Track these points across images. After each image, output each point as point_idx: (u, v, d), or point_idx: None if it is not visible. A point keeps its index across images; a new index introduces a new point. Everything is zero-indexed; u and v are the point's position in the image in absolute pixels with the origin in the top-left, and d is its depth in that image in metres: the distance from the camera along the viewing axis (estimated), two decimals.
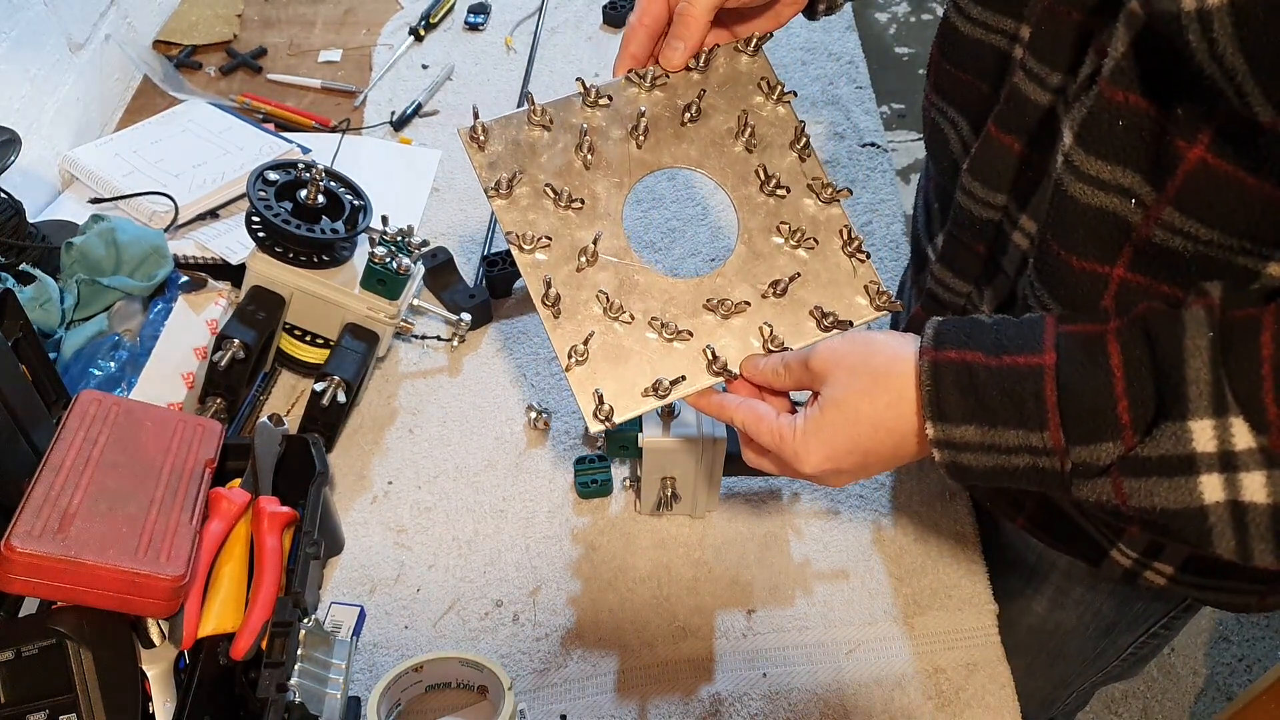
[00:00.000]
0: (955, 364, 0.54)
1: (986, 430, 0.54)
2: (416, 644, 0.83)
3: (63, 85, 1.25)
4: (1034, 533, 0.78)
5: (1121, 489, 0.51)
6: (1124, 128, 0.54)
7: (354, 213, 0.97)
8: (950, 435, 0.55)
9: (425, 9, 1.46)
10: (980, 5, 0.67)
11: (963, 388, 0.54)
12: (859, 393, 0.58)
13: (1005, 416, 0.53)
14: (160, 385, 0.93)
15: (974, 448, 0.55)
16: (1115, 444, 0.50)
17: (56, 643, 0.63)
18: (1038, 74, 0.61)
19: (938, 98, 0.76)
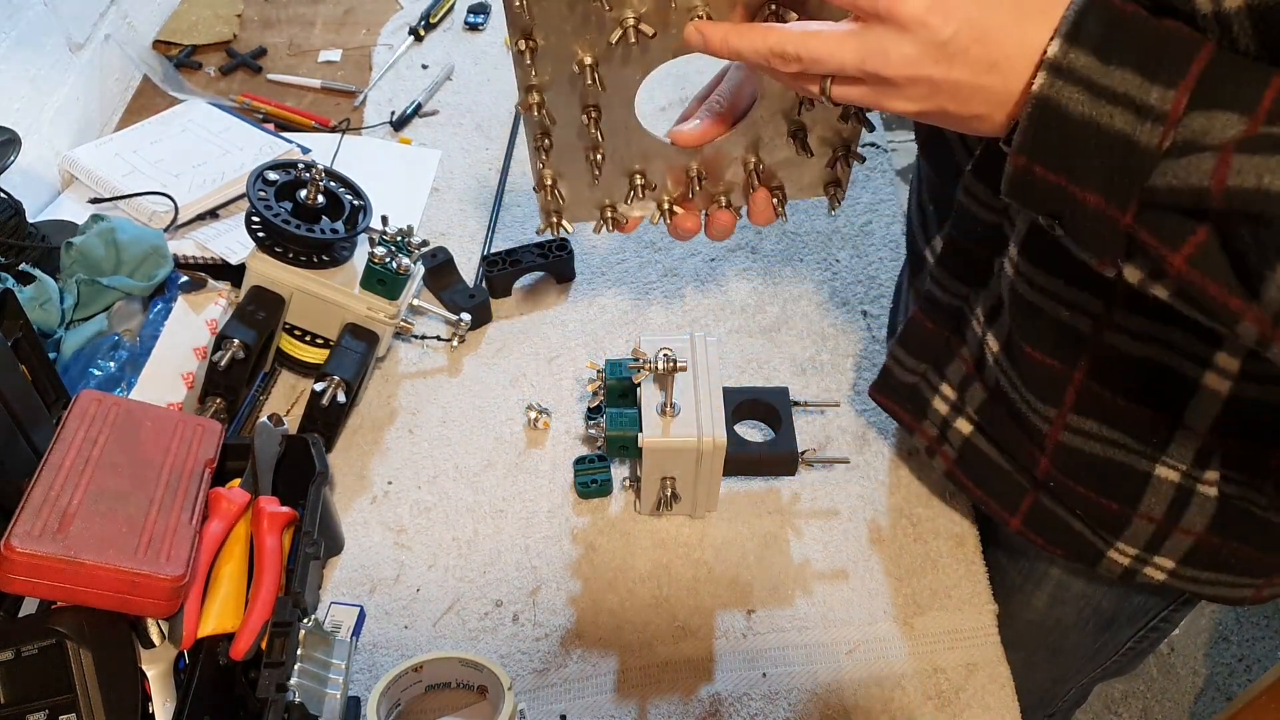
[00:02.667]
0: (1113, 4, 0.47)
1: (1109, 68, 0.47)
2: (416, 644, 0.83)
3: (63, 85, 1.25)
4: (1028, 534, 0.79)
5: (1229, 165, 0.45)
6: None
7: (354, 213, 0.97)
8: (1071, 61, 0.47)
9: (425, 9, 1.46)
10: None
11: (1111, 21, 0.47)
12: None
13: (1138, 60, 0.46)
14: (160, 385, 0.93)
15: (1083, 82, 0.47)
16: (1241, 118, 0.45)
17: (56, 643, 0.63)
18: None
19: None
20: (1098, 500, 0.72)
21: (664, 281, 1.10)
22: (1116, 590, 0.84)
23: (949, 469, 0.83)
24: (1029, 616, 0.91)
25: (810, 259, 1.12)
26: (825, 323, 1.05)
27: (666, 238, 1.15)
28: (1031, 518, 0.77)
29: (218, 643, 0.71)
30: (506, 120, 1.30)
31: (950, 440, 0.82)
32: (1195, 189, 0.46)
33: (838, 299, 1.07)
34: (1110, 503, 0.71)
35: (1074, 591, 0.86)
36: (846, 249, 1.12)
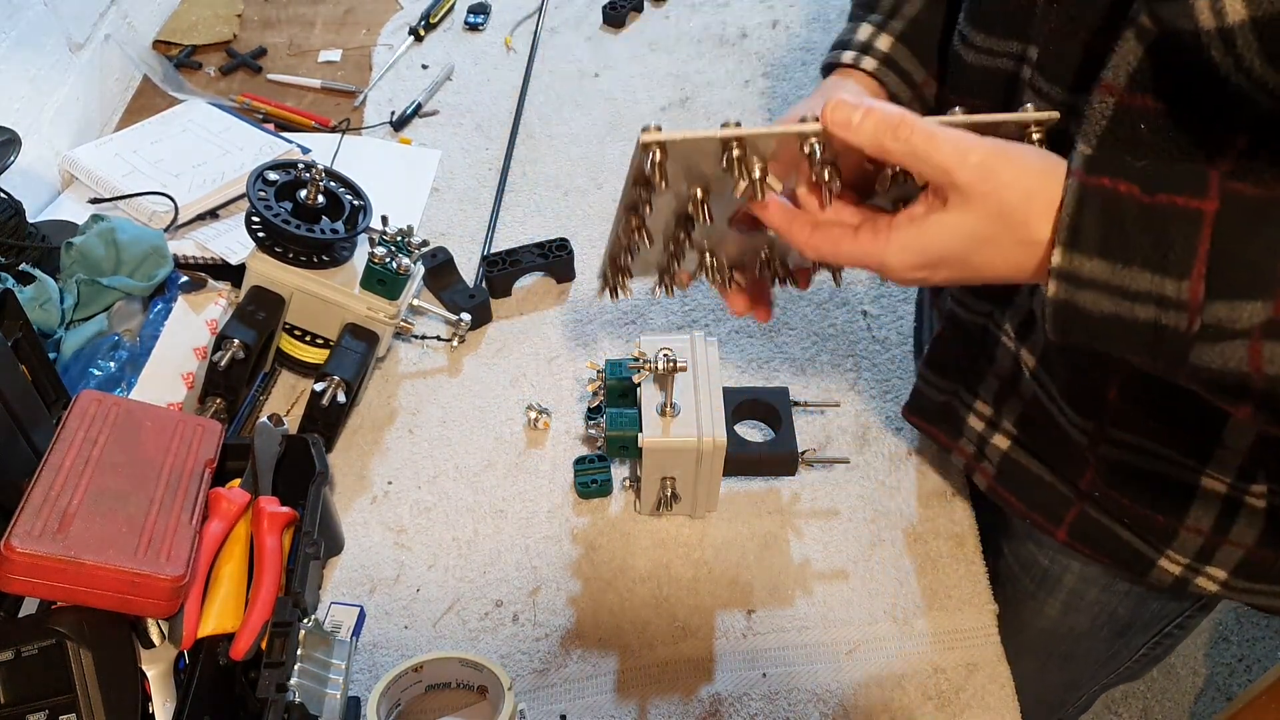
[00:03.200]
0: (1105, 190, 0.49)
1: (1117, 268, 0.49)
2: (416, 644, 0.83)
3: (63, 85, 1.25)
4: (1074, 545, 0.77)
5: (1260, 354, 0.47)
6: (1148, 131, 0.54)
7: (354, 213, 0.97)
8: (1077, 267, 0.50)
9: (425, 9, 1.46)
10: (985, 32, 0.67)
11: (1107, 217, 0.49)
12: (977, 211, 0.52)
13: (1144, 256, 0.48)
14: (160, 385, 0.93)
15: (1097, 286, 0.50)
16: (1264, 305, 0.46)
17: (56, 643, 0.63)
18: (1047, 93, 0.62)
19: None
20: (1144, 512, 0.70)
21: None
22: (1133, 597, 0.83)
23: (990, 485, 0.82)
24: (1041, 624, 0.90)
25: None
26: (825, 323, 1.05)
27: None
28: (1077, 529, 0.76)
29: (218, 643, 0.71)
30: (506, 120, 1.30)
31: (989, 456, 0.81)
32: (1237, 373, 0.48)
33: (838, 299, 1.07)
34: (1156, 515, 0.70)
35: (1089, 599, 0.86)
36: None
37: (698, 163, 0.57)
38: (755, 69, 1.35)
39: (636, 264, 0.69)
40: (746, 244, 0.68)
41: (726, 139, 0.55)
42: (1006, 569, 0.90)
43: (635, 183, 0.59)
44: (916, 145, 0.52)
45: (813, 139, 0.56)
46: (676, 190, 0.60)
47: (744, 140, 0.55)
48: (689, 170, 0.58)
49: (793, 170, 0.59)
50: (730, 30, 1.42)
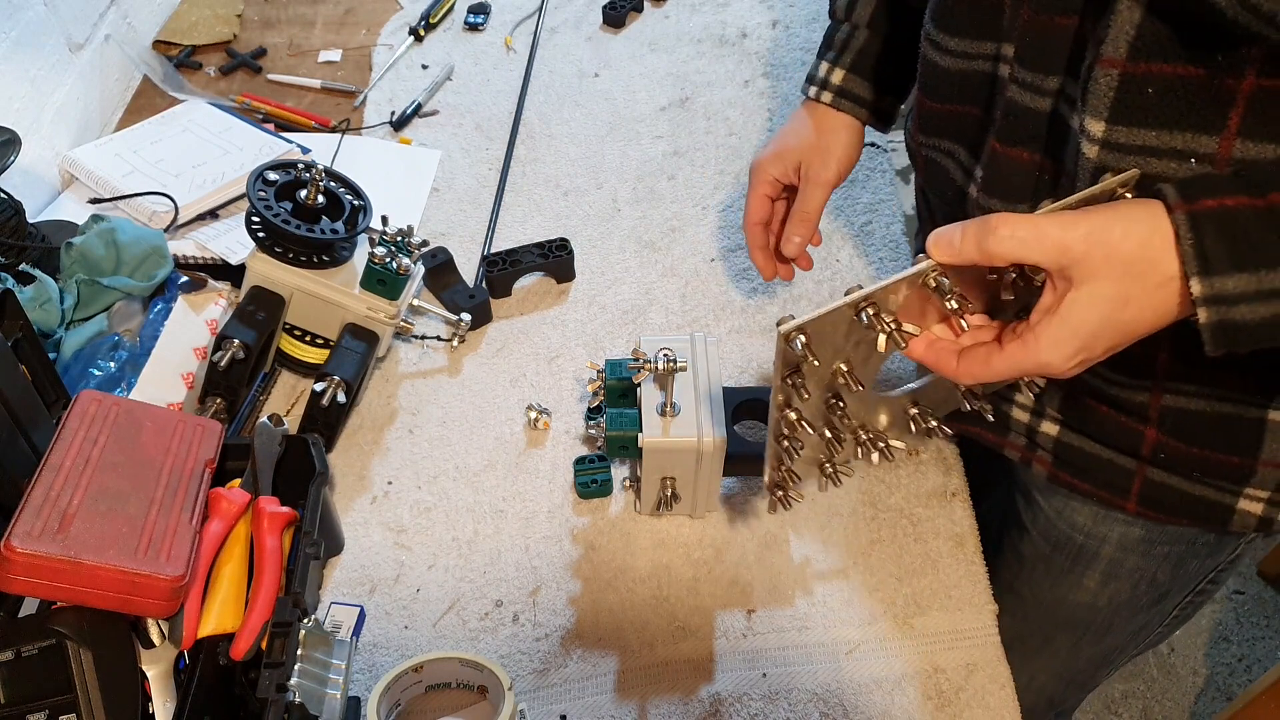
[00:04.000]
0: (1215, 211, 0.50)
1: (1262, 275, 0.50)
2: (416, 644, 0.83)
3: (63, 85, 1.25)
4: (1147, 513, 0.77)
5: None
6: (1156, 94, 0.55)
7: (354, 213, 0.97)
8: (1220, 289, 0.51)
9: (425, 9, 1.46)
10: (958, 36, 0.68)
11: (1228, 234, 0.50)
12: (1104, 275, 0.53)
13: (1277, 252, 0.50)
14: (160, 385, 0.93)
15: (1248, 298, 0.50)
16: None
17: (56, 643, 0.63)
18: (1032, 83, 0.63)
19: (927, 136, 0.77)
20: (1215, 457, 0.71)
21: (664, 281, 1.10)
22: (1171, 559, 0.83)
23: (1050, 473, 0.81)
24: (1079, 599, 0.90)
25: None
26: None
27: (666, 237, 1.15)
28: (1146, 496, 0.76)
29: (218, 643, 0.71)
30: (506, 120, 1.30)
31: (1041, 445, 0.81)
32: None
33: (838, 299, 1.07)
34: (1229, 457, 0.70)
35: (1128, 567, 0.85)
36: (846, 249, 1.12)
37: (835, 334, 0.60)
38: (755, 69, 1.35)
39: (799, 465, 0.70)
40: (892, 407, 0.70)
41: (856, 303, 0.59)
42: (1035, 551, 0.90)
43: (785, 376, 0.62)
44: (1024, 237, 0.53)
45: (931, 274, 0.58)
46: (822, 373, 0.63)
47: (872, 298, 0.59)
48: (829, 344, 0.61)
49: (924, 309, 0.62)
50: (730, 30, 1.42)
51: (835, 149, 0.88)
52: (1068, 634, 0.88)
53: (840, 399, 0.65)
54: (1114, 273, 0.52)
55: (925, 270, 0.58)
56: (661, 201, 1.19)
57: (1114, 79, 0.56)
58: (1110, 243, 0.52)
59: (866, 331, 0.60)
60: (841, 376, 0.63)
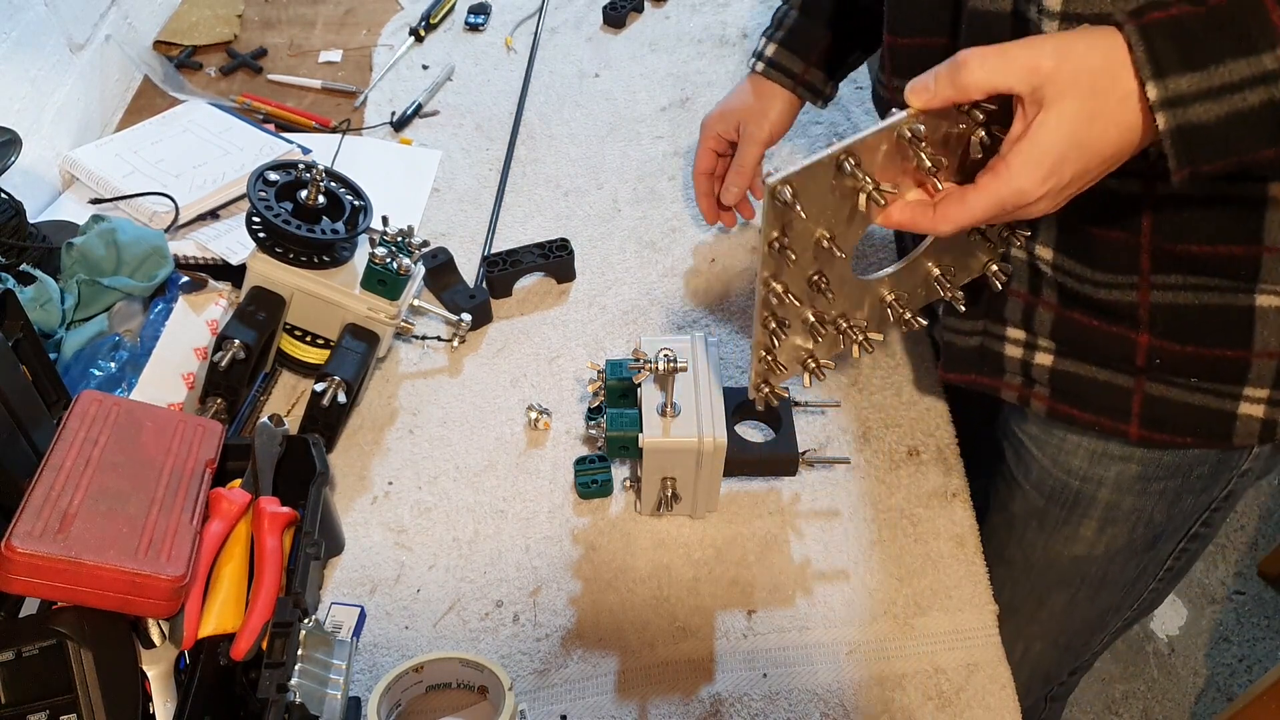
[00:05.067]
0: (1162, 20, 0.53)
1: (1211, 70, 0.52)
2: (417, 644, 0.83)
3: (63, 86, 1.25)
4: (1152, 435, 0.77)
5: None
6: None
7: (354, 213, 0.97)
8: (1174, 90, 0.52)
9: (425, 9, 1.46)
10: None
11: (1176, 37, 0.52)
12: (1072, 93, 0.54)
13: (1228, 48, 0.52)
14: (160, 385, 0.93)
15: (1200, 96, 0.52)
16: None
17: (57, 643, 0.63)
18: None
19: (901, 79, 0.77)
20: (1209, 354, 0.71)
21: (664, 281, 1.10)
22: (1168, 495, 0.84)
23: (1050, 408, 0.82)
24: (1075, 551, 0.91)
25: None
26: None
27: (667, 238, 1.15)
28: (1148, 415, 0.77)
29: (218, 643, 0.71)
30: (507, 120, 1.30)
31: (1037, 379, 0.81)
32: None
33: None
34: (1222, 350, 0.71)
35: (1125, 508, 0.86)
36: None
37: (819, 191, 0.62)
38: None
39: (782, 352, 0.72)
40: (871, 296, 0.73)
41: (837, 155, 0.61)
42: (1028, 507, 0.91)
43: (773, 235, 0.63)
44: (994, 65, 0.55)
45: (905, 124, 0.60)
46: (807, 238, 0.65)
47: (851, 150, 0.60)
48: (814, 205, 0.62)
49: (898, 176, 0.64)
50: (730, 30, 1.42)
51: (769, 112, 1.00)
52: (1062, 592, 0.89)
53: (824, 276, 0.67)
54: (1080, 89, 0.54)
55: (901, 121, 0.60)
56: (662, 202, 1.19)
57: None
58: (1075, 56, 0.54)
59: (848, 191, 0.62)
60: (825, 242, 0.64)
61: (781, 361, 0.72)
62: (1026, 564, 0.95)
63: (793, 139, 1.25)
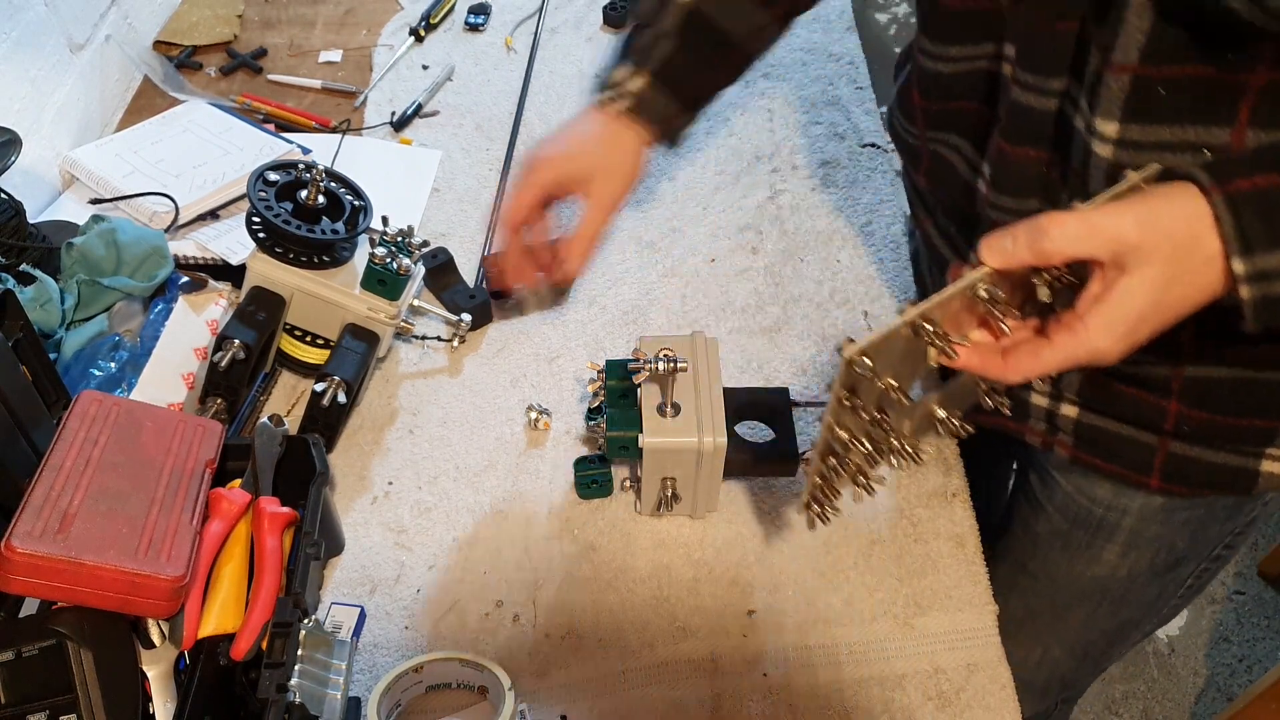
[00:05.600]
0: (1249, 192, 0.52)
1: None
2: (417, 644, 0.83)
3: (63, 86, 1.25)
4: (1171, 488, 0.77)
5: None
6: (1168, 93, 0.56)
7: (354, 213, 0.97)
8: (1262, 266, 0.52)
9: (425, 9, 1.46)
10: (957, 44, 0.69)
11: (1265, 213, 0.52)
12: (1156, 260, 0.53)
13: None
14: (160, 385, 0.93)
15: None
16: None
17: (56, 643, 0.63)
18: (1035, 85, 0.63)
19: (935, 131, 0.77)
20: (1238, 423, 0.71)
21: (664, 281, 1.10)
22: (1191, 525, 0.83)
23: (1072, 455, 0.82)
24: (1097, 571, 0.91)
25: (811, 259, 1.12)
26: (826, 323, 1.05)
27: (667, 238, 1.15)
28: (1169, 470, 0.76)
29: (218, 643, 0.71)
30: (507, 120, 1.30)
31: (1061, 428, 0.81)
32: None
33: (838, 299, 1.07)
34: (1253, 421, 0.71)
35: (1148, 536, 0.85)
36: (847, 249, 1.12)
37: (891, 354, 0.60)
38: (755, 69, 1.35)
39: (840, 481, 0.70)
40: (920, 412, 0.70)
41: (913, 321, 0.59)
42: (1052, 528, 0.90)
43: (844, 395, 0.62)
44: (1077, 233, 0.54)
45: (981, 285, 0.59)
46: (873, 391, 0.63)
47: (928, 315, 0.59)
48: (884, 364, 0.61)
49: (960, 317, 0.62)
50: None
51: (625, 166, 0.84)
52: (1082, 607, 0.88)
53: (885, 413, 0.65)
54: (1163, 256, 0.53)
55: (975, 280, 0.58)
56: (661, 202, 1.19)
57: (1125, 83, 0.57)
58: (1159, 225, 0.53)
59: (918, 346, 0.60)
60: (893, 392, 0.63)
61: (837, 487, 0.71)
62: (1048, 578, 0.95)
63: (791, 139, 1.25)
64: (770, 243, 1.14)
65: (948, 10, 0.69)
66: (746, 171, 1.22)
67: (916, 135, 0.81)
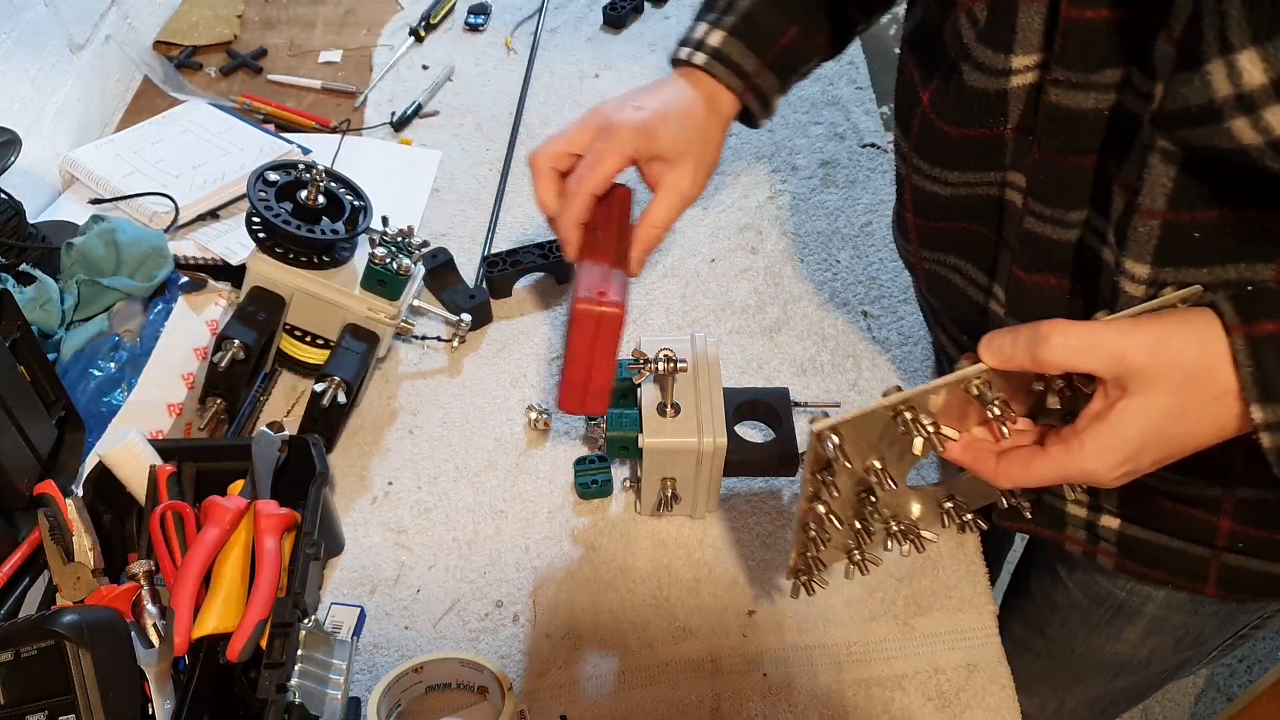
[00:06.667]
0: (1275, 336, 0.48)
1: None
2: (417, 645, 0.83)
3: (63, 86, 1.25)
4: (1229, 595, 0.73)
5: None
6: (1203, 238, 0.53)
7: (354, 213, 0.97)
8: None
9: (425, 10, 1.46)
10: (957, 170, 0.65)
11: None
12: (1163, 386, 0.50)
13: None
14: (160, 386, 0.93)
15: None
16: None
17: (55, 644, 0.63)
18: (1052, 216, 0.60)
19: (930, 251, 0.73)
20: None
21: (664, 282, 1.10)
22: (1220, 615, 0.81)
23: (1118, 564, 0.77)
24: (1118, 649, 0.87)
25: (811, 260, 1.12)
26: (825, 323, 1.05)
27: (667, 238, 1.14)
28: (1226, 580, 0.72)
29: (218, 643, 0.71)
30: (507, 121, 1.30)
31: (1104, 538, 0.76)
32: None
33: (838, 299, 1.07)
34: None
35: (1173, 623, 0.82)
36: (847, 250, 1.12)
37: (870, 434, 0.58)
38: None
39: (826, 554, 0.68)
40: (926, 499, 0.69)
41: (894, 405, 0.56)
42: (1071, 602, 0.87)
43: (815, 471, 0.60)
44: (1078, 346, 0.51)
45: (975, 381, 0.56)
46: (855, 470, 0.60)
47: (910, 401, 0.56)
48: (864, 444, 0.59)
49: (964, 412, 0.59)
50: None
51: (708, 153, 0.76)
52: (1102, 675, 0.84)
53: (873, 495, 0.63)
54: (1171, 385, 0.50)
55: (969, 376, 0.56)
56: None
57: (1155, 229, 0.53)
58: (1170, 353, 0.49)
59: (903, 433, 0.58)
60: (874, 475, 0.61)
61: (822, 559, 0.68)
62: (1066, 644, 0.91)
63: (791, 139, 1.25)
64: (770, 243, 1.14)
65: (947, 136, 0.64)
66: (746, 171, 1.22)
67: (911, 253, 0.76)
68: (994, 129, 0.61)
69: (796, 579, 0.70)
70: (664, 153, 0.74)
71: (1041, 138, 0.57)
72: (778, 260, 1.12)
